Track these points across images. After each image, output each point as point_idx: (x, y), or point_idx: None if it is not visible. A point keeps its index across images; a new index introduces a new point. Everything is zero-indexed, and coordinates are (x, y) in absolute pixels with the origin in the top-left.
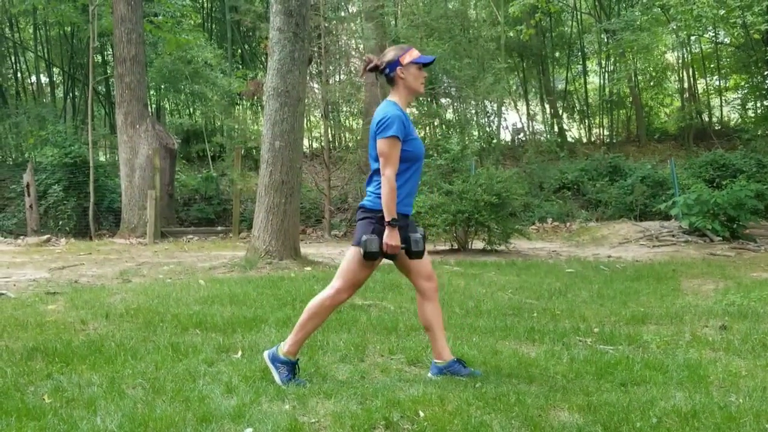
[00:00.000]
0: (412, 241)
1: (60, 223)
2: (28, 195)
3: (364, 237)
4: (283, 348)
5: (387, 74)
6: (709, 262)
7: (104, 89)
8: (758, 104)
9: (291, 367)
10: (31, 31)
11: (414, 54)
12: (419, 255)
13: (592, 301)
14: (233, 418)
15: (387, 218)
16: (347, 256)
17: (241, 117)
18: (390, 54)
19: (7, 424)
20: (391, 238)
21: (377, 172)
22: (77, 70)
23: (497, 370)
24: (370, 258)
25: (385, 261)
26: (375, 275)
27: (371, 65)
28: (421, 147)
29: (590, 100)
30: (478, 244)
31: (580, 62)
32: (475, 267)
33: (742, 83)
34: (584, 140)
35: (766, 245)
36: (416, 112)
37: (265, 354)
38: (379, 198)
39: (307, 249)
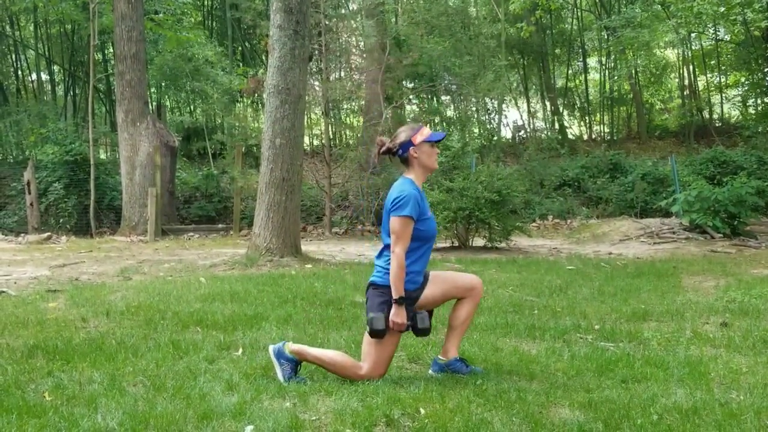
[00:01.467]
0: (419, 318)
1: (61, 220)
2: (29, 193)
3: (370, 314)
4: (292, 347)
5: (401, 155)
6: (709, 258)
7: (105, 87)
8: (759, 101)
9: (294, 365)
10: (31, 28)
11: (425, 133)
12: (425, 333)
13: (593, 298)
14: (234, 415)
15: (394, 296)
16: (365, 338)
17: (242, 114)
18: (402, 135)
19: (8, 422)
20: (397, 315)
21: (388, 247)
22: (78, 68)
23: (498, 367)
24: (376, 336)
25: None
26: None
27: (384, 148)
28: (434, 226)
29: (591, 97)
30: (478, 242)
31: (581, 59)
32: (475, 264)
33: (743, 80)
34: (585, 137)
35: (766, 242)
36: (417, 109)
37: (271, 349)
38: (389, 273)
39: (307, 246)
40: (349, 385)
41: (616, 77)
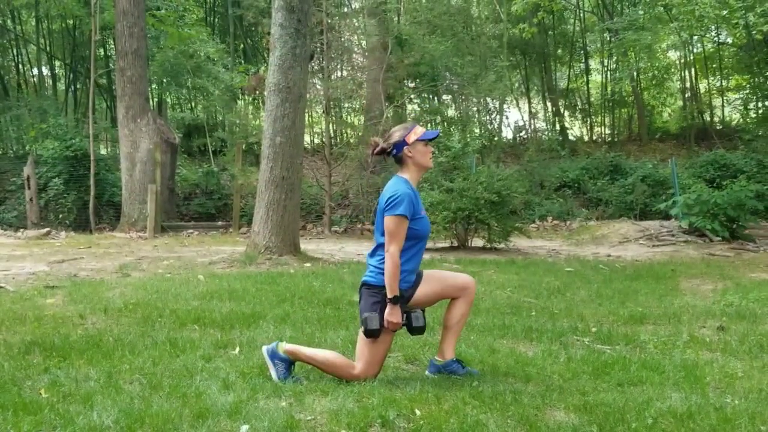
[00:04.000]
0: (413, 317)
1: (60, 216)
2: (29, 188)
3: (365, 314)
4: (285, 347)
5: (395, 155)
6: (708, 262)
7: (106, 83)
8: (760, 105)
9: (289, 365)
10: (33, 23)
11: (419, 131)
12: (420, 331)
13: (591, 300)
14: (230, 414)
15: (389, 295)
16: (359, 338)
17: (243, 112)
18: (395, 135)
19: (3, 419)
20: (392, 315)
21: (382, 246)
22: (79, 63)
23: (494, 369)
24: (371, 335)
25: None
26: None
27: (378, 149)
28: (428, 226)
29: (592, 99)
30: (477, 242)
31: (583, 60)
32: (474, 265)
33: (744, 83)
34: (585, 139)
35: (765, 246)
36: (418, 109)
37: (264, 349)
38: (383, 273)
39: (307, 245)
40: (345, 385)
41: (617, 79)
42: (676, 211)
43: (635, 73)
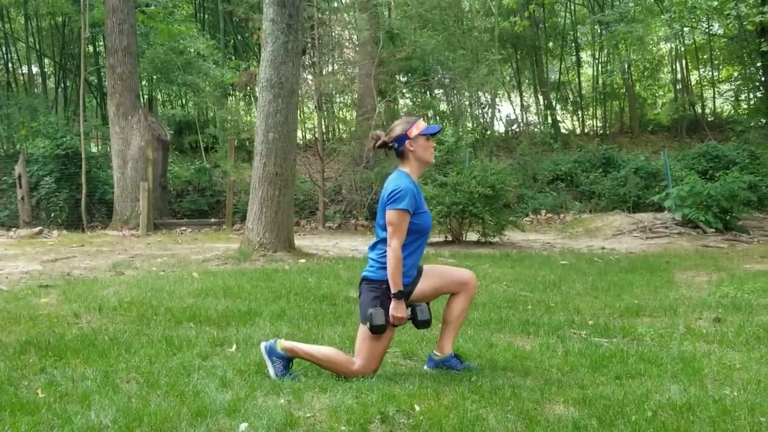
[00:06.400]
0: (418, 311)
1: (52, 215)
2: (20, 187)
3: (370, 311)
4: (283, 344)
5: (396, 149)
6: (702, 253)
7: (96, 80)
8: (751, 96)
9: (287, 362)
10: (22, 21)
11: (421, 126)
12: (425, 324)
13: (587, 293)
14: (228, 412)
15: (393, 290)
16: (359, 333)
17: (234, 108)
18: (397, 129)
19: (1, 419)
20: (397, 310)
21: (383, 241)
22: (69, 61)
23: (492, 364)
24: (376, 332)
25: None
26: None
27: (380, 142)
28: (429, 220)
29: (584, 92)
30: (472, 236)
31: (574, 53)
32: (469, 259)
33: (735, 74)
34: (578, 131)
35: (758, 237)
36: (410, 103)
37: (262, 346)
38: (383, 268)
39: (301, 241)
40: (344, 381)
41: (609, 72)
42: (669, 203)
43: (627, 66)
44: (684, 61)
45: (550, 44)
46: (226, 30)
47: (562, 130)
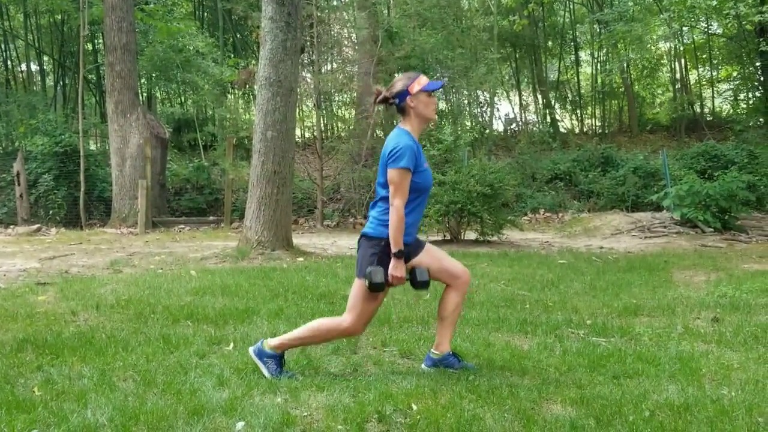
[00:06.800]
0: (417, 271)
1: (50, 212)
2: (19, 184)
3: (369, 268)
4: (270, 342)
5: (397, 105)
6: (700, 253)
7: (95, 78)
8: (750, 95)
9: (278, 360)
10: (21, 19)
11: (423, 81)
12: (424, 286)
13: (585, 292)
14: (225, 411)
15: (394, 249)
16: (354, 288)
17: (233, 106)
18: (399, 84)
19: None
20: (396, 269)
21: (383, 199)
22: (68, 59)
23: (490, 363)
24: (375, 290)
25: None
26: None
27: (381, 97)
28: (430, 178)
29: (582, 91)
30: (470, 235)
31: (573, 52)
32: (467, 258)
33: (734, 74)
34: (576, 131)
35: (757, 236)
36: None
37: (251, 351)
38: (383, 225)
39: (299, 239)
40: (341, 380)
41: (608, 71)
42: (668, 203)
43: (626, 65)
44: (683, 61)
45: (549, 43)
46: (225, 28)
47: (561, 129)
